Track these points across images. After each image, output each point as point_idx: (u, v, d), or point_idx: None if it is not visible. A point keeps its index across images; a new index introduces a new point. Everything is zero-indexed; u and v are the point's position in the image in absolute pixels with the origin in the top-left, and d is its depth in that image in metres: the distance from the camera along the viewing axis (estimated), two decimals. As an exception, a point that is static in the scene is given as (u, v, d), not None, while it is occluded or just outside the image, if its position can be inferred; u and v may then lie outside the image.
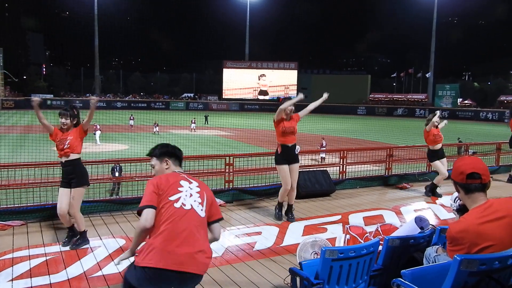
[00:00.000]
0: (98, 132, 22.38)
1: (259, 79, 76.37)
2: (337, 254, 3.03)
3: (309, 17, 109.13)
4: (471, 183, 2.57)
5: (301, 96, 6.83)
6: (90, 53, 75.44)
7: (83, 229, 5.50)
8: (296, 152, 6.84)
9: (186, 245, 2.72)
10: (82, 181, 5.49)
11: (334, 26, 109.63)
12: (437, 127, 8.84)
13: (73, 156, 5.45)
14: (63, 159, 5.45)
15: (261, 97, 74.85)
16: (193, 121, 32.39)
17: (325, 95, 7.18)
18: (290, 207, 6.98)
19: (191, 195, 2.96)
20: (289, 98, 6.99)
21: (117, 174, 8.73)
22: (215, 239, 3.15)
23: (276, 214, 6.94)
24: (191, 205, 2.90)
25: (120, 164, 8.73)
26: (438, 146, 8.79)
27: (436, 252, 3.05)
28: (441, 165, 8.75)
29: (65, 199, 5.41)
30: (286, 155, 6.70)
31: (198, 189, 3.05)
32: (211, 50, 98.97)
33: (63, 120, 5.49)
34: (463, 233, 2.42)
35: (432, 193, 8.83)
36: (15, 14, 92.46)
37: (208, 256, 2.89)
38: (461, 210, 3.03)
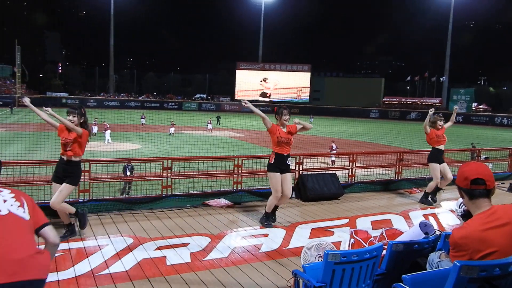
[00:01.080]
0: (108, 131, 22.49)
1: (264, 81, 76.42)
2: (339, 257, 3.03)
3: (323, 20, 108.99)
4: (475, 189, 2.55)
5: (257, 111, 6.80)
6: (105, 53, 76.30)
7: (68, 222, 5.75)
8: (288, 163, 6.75)
9: (13, 252, 2.28)
10: (75, 181, 5.75)
11: (348, 29, 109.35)
12: (439, 129, 8.61)
13: (74, 158, 5.68)
14: (65, 157, 5.67)
15: (261, 99, 74.88)
16: (209, 122, 32.57)
17: (297, 123, 6.77)
18: (276, 208, 6.89)
19: (4, 201, 2.50)
20: (283, 108, 6.79)
21: (128, 173, 8.81)
22: (54, 244, 2.67)
23: (265, 223, 6.73)
24: (8, 209, 2.46)
25: (132, 164, 8.81)
26: (442, 146, 8.58)
27: (439, 258, 3.03)
28: (438, 169, 8.55)
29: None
30: (280, 164, 6.62)
31: (12, 195, 2.57)
32: (225, 51, 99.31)
33: (71, 117, 5.61)
34: (466, 239, 2.41)
35: (426, 200, 8.65)
36: (33, 12, 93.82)
37: (46, 256, 2.48)
38: (466, 215, 3.01)
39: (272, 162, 6.65)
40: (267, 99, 74.67)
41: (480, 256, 2.36)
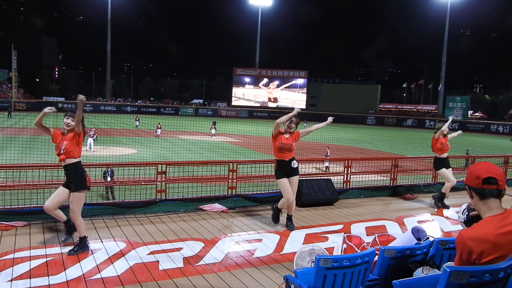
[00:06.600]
0: (90, 139, 20.93)
1: (266, 86, 76.55)
2: (331, 262, 3.01)
3: (320, 26, 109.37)
4: (486, 189, 2.44)
5: (296, 110, 6.76)
6: (102, 58, 76.21)
7: (83, 235, 5.45)
8: (294, 166, 6.80)
9: None
10: (80, 185, 5.40)
11: (345, 35, 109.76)
12: (445, 136, 8.86)
13: (69, 161, 5.39)
14: (62, 163, 5.45)
15: (271, 104, 74.83)
16: (212, 126, 32.40)
17: (330, 119, 7.20)
18: (289, 218, 6.97)
19: None
20: (296, 117, 6.92)
21: (108, 178, 8.73)
22: None
23: (273, 216, 7.04)
24: None
25: (112, 168, 8.74)
26: (445, 155, 8.80)
27: (423, 272, 2.99)
28: (448, 173, 8.75)
29: (56, 198, 5.44)
30: (285, 169, 6.74)
31: None
32: (222, 57, 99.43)
33: (69, 121, 5.41)
34: (477, 241, 2.30)
35: (441, 203, 8.77)
36: (30, 17, 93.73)
37: None
38: (469, 221, 2.95)
39: (276, 169, 6.80)
40: (274, 105, 74.66)
41: (489, 260, 2.28)
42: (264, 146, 20.71)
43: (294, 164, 6.81)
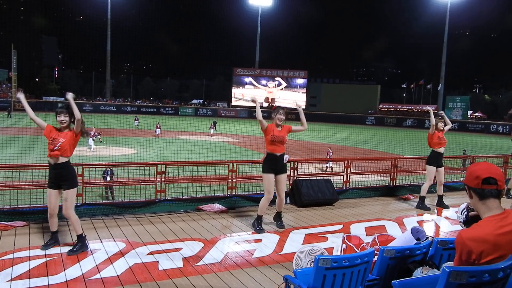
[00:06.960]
0: (90, 139, 20.82)
1: (267, 86, 76.42)
2: (330, 263, 3.01)
3: (320, 27, 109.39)
4: (486, 189, 2.44)
5: (256, 101, 6.90)
6: (102, 58, 76.19)
7: (80, 232, 5.42)
8: (285, 161, 6.78)
9: None
10: (74, 183, 5.47)
11: (345, 35, 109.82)
12: (440, 130, 8.83)
13: (62, 160, 5.30)
14: (52, 161, 5.31)
15: (266, 105, 74.74)
16: (212, 126, 32.34)
17: (298, 106, 6.84)
18: (278, 214, 6.94)
19: None
20: (281, 108, 6.79)
21: (108, 178, 8.73)
22: None
23: (256, 228, 6.68)
24: None
25: (112, 168, 8.73)
26: (442, 149, 8.76)
27: (422, 272, 2.99)
28: (433, 173, 8.69)
29: (55, 200, 5.41)
30: (274, 165, 6.62)
31: None
32: (221, 57, 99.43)
33: (62, 117, 5.31)
34: (476, 242, 2.30)
35: (423, 204, 8.73)
36: (30, 17, 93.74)
37: None
38: (469, 222, 2.94)
39: (264, 162, 6.68)
40: (270, 105, 74.47)
41: (488, 260, 2.28)
42: (264, 146, 20.70)
43: (286, 159, 6.77)
